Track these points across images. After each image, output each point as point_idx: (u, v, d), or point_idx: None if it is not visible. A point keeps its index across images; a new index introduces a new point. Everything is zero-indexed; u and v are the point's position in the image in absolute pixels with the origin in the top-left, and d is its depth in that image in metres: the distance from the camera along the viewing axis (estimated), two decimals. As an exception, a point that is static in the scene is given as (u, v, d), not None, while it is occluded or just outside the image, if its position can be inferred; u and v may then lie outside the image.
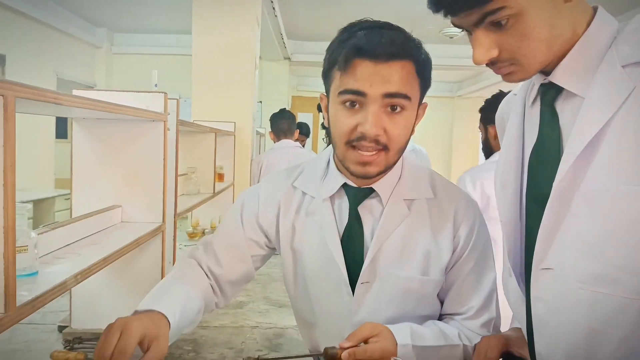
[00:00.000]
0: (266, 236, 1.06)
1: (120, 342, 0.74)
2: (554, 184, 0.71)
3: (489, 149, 2.01)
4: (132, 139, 1.47)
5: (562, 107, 0.75)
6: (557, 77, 0.74)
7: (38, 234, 0.99)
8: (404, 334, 0.91)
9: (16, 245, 0.76)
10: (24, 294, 0.81)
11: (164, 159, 1.49)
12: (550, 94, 0.76)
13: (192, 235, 3.12)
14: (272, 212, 1.04)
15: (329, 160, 1.03)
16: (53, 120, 5.12)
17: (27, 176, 4.53)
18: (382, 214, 0.97)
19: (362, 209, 0.98)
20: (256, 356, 0.92)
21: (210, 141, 2.74)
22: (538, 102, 0.79)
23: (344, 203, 0.99)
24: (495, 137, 1.90)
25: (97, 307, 1.48)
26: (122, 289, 1.50)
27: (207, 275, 1.02)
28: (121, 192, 1.49)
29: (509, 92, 0.95)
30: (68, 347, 1.44)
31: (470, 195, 1.05)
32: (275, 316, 1.89)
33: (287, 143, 3.41)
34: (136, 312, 0.83)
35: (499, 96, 1.87)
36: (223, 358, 1.49)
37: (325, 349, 0.89)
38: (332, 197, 1.00)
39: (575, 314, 0.71)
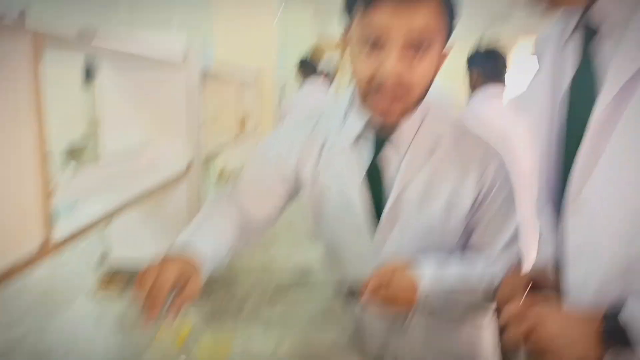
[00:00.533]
0: (290, 180, 1.06)
1: (157, 281, 0.76)
2: (592, 119, 0.69)
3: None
4: (156, 83, 1.48)
5: (600, 44, 0.72)
6: (596, 14, 0.70)
7: (70, 176, 1.02)
8: (427, 274, 0.93)
9: (50, 186, 0.79)
10: (58, 232, 0.85)
11: (187, 103, 1.50)
12: (586, 30, 0.73)
13: (218, 180, 3.17)
14: (294, 157, 1.05)
15: (349, 104, 1.02)
16: (80, 68, 5.14)
17: (57, 122, 4.61)
18: (404, 158, 0.97)
19: (383, 154, 0.98)
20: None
21: (234, 87, 2.72)
22: (573, 40, 0.76)
23: (365, 148, 0.99)
24: (475, 82, 2.14)
25: (131, 246, 1.54)
26: (153, 229, 1.55)
27: (236, 214, 1.04)
28: (149, 135, 1.51)
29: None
30: (107, 280, 1.51)
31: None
32: (304, 250, 1.92)
33: (314, 85, 3.36)
34: (169, 252, 0.86)
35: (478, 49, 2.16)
36: (259, 281, 1.56)
37: (349, 287, 0.92)
38: (353, 142, 0.99)
39: (613, 245, 0.70)
